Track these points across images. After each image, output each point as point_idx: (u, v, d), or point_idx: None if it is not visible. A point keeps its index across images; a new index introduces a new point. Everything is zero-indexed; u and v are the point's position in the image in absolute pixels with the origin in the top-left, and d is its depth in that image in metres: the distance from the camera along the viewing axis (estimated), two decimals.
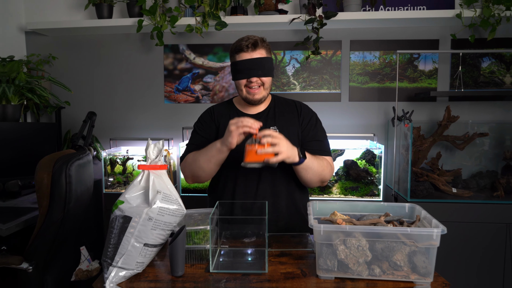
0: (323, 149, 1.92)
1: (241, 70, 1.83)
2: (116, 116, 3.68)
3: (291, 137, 1.87)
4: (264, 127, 1.89)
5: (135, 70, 3.63)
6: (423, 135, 3.08)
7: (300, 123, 1.94)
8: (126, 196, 1.36)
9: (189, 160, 1.86)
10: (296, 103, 2.02)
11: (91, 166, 2.31)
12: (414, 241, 1.30)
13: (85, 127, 3.01)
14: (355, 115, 3.45)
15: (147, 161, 1.41)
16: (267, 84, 1.87)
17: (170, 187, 1.40)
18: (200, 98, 3.58)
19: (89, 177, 2.27)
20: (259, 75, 1.82)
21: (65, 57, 3.68)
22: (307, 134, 1.93)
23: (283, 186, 1.89)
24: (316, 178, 1.82)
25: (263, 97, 1.89)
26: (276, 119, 1.94)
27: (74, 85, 3.66)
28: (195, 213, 1.67)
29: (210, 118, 1.98)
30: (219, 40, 3.53)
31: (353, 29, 3.41)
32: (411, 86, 3.38)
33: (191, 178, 1.89)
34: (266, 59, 1.83)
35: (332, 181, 3.15)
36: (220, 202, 1.62)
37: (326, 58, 3.45)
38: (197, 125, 2.00)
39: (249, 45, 1.81)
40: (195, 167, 1.82)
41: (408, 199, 2.90)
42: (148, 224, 1.33)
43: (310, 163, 1.74)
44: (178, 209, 1.39)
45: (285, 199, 1.90)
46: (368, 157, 3.16)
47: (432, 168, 3.11)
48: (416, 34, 3.35)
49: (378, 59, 3.40)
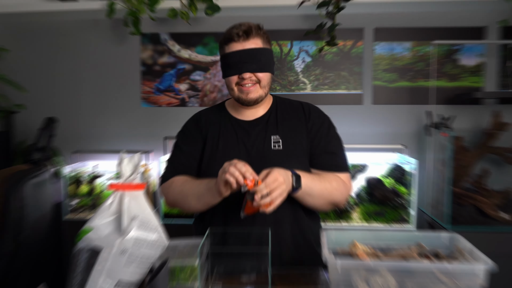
0: (338, 164, 1.91)
1: (231, 64, 1.82)
2: (82, 123, 3.69)
3: (296, 148, 1.87)
4: (264, 136, 1.89)
5: (105, 65, 3.66)
6: (466, 146, 3.08)
7: (308, 130, 1.93)
8: (93, 223, 1.36)
9: (175, 189, 1.86)
10: (303, 105, 2.01)
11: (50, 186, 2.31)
12: (455, 280, 1.30)
13: (42, 137, 3.02)
14: (381, 121, 3.47)
15: (120, 180, 1.42)
16: (265, 81, 1.85)
17: (148, 212, 1.40)
18: (186, 100, 3.59)
19: (48, 200, 2.27)
20: (253, 69, 1.81)
21: (18, 50, 3.70)
22: (317, 145, 1.92)
23: (287, 211, 1.87)
24: (322, 202, 1.82)
25: (259, 97, 1.87)
26: (278, 126, 1.93)
27: (30, 84, 3.68)
28: (180, 245, 1.67)
29: (196, 128, 1.98)
30: (210, 28, 3.55)
31: (378, 14, 3.44)
32: (451, 86, 3.39)
33: (172, 205, 1.91)
34: (262, 51, 1.83)
35: (352, 205, 3.15)
36: (211, 230, 1.62)
37: (344, 51, 3.47)
38: (179, 137, 2.00)
39: (240, 33, 1.80)
40: (181, 200, 1.84)
41: (447, 227, 2.89)
42: (121, 259, 1.33)
43: (308, 190, 1.74)
44: (159, 239, 1.39)
45: (290, 226, 1.88)
46: (397, 174, 3.16)
47: (477, 188, 3.10)
48: (457, 21, 3.38)
49: (409, 52, 3.42)
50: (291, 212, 1.88)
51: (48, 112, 3.64)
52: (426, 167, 3.30)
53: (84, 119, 3.69)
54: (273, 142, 1.88)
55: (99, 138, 3.68)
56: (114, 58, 3.65)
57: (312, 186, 1.75)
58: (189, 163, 1.91)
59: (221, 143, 1.91)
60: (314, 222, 1.99)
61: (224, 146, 1.90)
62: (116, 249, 1.33)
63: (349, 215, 3.12)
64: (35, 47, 3.69)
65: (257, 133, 1.91)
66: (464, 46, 3.38)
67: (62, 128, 3.58)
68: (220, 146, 1.90)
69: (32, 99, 3.68)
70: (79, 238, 1.37)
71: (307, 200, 1.78)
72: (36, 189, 2.09)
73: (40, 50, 3.69)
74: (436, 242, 1.56)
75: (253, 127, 1.92)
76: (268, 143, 1.88)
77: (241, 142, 1.90)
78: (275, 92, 3.48)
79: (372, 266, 1.32)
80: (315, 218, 2.01)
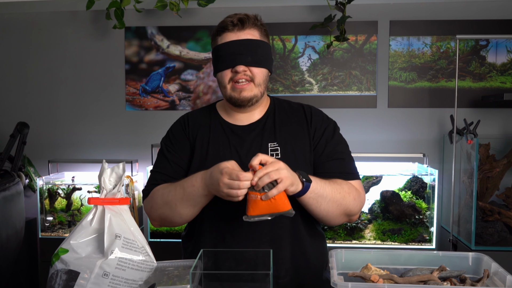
0: (347, 170, 1.90)
1: (224, 56, 1.83)
2: (58, 129, 3.70)
3: (297, 157, 1.86)
4: (260, 142, 1.88)
5: (84, 63, 3.67)
6: (493, 155, 3.09)
7: (311, 136, 1.93)
8: (71, 242, 1.36)
9: (158, 200, 1.85)
10: (304, 108, 2.00)
11: (22, 200, 2.32)
12: None
13: (13, 144, 3.03)
14: (397, 127, 3.48)
15: (101, 193, 1.42)
16: (260, 78, 1.84)
17: (134, 230, 1.40)
18: (176, 103, 3.61)
19: (19, 216, 2.27)
20: (248, 62, 1.81)
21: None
22: (322, 152, 1.91)
23: (287, 229, 1.87)
24: (335, 209, 1.80)
25: (254, 97, 1.85)
26: (276, 132, 1.92)
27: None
28: (170, 267, 1.68)
29: (182, 132, 1.97)
30: (203, 20, 3.57)
31: (394, 4, 3.46)
32: (477, 86, 3.41)
33: (159, 221, 1.90)
34: (258, 43, 1.84)
35: (365, 222, 3.15)
36: (204, 251, 1.62)
37: (355, 47, 3.49)
38: (164, 143, 1.99)
39: (235, 21, 1.82)
40: (168, 211, 1.82)
41: (473, 246, 2.90)
42: (103, 282, 1.33)
43: (320, 189, 1.72)
44: (146, 260, 1.39)
45: (289, 246, 1.87)
46: (416, 187, 3.17)
47: (507, 202, 3.11)
48: (484, 13, 3.39)
49: (429, 48, 3.44)
50: (291, 230, 1.87)
51: (19, 116, 3.65)
52: (449, 179, 3.30)
53: (61, 124, 3.70)
54: (271, 150, 1.86)
55: (78, 146, 3.68)
56: (94, 55, 3.66)
57: (323, 186, 1.73)
58: (174, 174, 1.89)
59: (210, 151, 1.89)
60: (318, 241, 1.98)
61: (214, 154, 1.88)
62: (97, 271, 1.34)
63: (361, 233, 3.12)
64: (4, 42, 3.71)
65: (252, 139, 1.89)
66: (492, 41, 3.39)
67: (35, 134, 3.60)
68: (210, 155, 1.88)
69: (0, 102, 3.69)
70: (56, 258, 1.37)
71: (317, 206, 1.76)
72: (6, 203, 2.09)
73: (9, 46, 3.71)
74: (460, 263, 1.57)
75: (247, 133, 1.91)
76: (264, 151, 1.86)
77: (233, 150, 1.88)
78: (277, 94, 3.49)
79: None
80: (318, 237, 1.99)
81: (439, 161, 3.45)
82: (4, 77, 3.71)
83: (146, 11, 3.54)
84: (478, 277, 1.53)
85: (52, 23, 3.67)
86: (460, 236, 3.13)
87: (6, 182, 2.21)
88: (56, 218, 3.37)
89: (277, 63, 3.49)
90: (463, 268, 1.55)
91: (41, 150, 3.67)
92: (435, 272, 1.49)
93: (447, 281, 1.46)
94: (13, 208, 2.24)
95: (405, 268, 1.58)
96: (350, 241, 3.12)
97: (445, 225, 3.37)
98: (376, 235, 3.12)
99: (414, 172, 3.24)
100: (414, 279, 1.45)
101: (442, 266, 1.54)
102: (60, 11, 3.63)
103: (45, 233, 3.29)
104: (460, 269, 1.53)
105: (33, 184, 3.50)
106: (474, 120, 3.21)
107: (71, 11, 3.63)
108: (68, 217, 3.39)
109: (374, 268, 1.54)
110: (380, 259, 1.60)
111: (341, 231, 3.13)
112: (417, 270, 1.55)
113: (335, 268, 1.44)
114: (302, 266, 1.89)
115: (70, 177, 3.51)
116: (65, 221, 3.38)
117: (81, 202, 3.45)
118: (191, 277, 1.43)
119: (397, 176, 3.24)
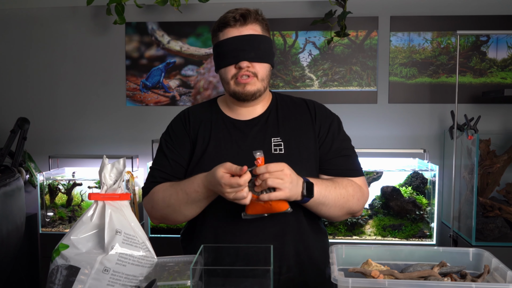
0: (352, 167, 1.91)
1: (226, 52, 1.82)
2: (59, 124, 3.70)
3: (302, 152, 1.85)
4: (263, 138, 1.86)
5: (85, 59, 3.67)
6: (494, 151, 3.09)
7: (316, 131, 1.92)
8: (72, 238, 1.36)
9: (159, 202, 1.84)
10: (307, 103, 1.98)
11: (22, 196, 2.31)
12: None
13: (13, 140, 3.02)
14: (398, 122, 3.48)
15: (101, 189, 1.42)
16: (263, 73, 1.84)
17: (134, 225, 1.40)
18: (177, 98, 3.60)
19: (20, 211, 2.27)
20: (251, 58, 1.80)
21: None
22: (329, 149, 1.90)
23: (289, 224, 1.85)
24: (337, 212, 1.81)
25: (258, 91, 1.84)
26: (279, 128, 1.90)
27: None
28: (171, 262, 1.67)
29: (182, 128, 1.95)
30: (204, 16, 3.56)
31: (394, 0, 3.45)
32: (478, 82, 3.40)
33: (160, 220, 1.90)
34: (261, 38, 1.83)
35: (365, 217, 3.15)
36: (205, 246, 1.62)
37: (356, 42, 3.48)
38: (164, 139, 1.98)
39: (237, 17, 1.81)
40: (171, 212, 1.81)
41: (473, 242, 2.90)
42: (104, 278, 1.33)
43: (322, 198, 1.73)
44: (146, 256, 1.39)
45: (292, 242, 1.86)
46: (416, 183, 3.17)
47: (507, 198, 3.11)
48: (485, 8, 3.39)
49: (430, 44, 3.43)
50: (295, 226, 1.86)
51: (19, 112, 3.64)
52: (449, 175, 3.30)
53: (61, 120, 3.70)
54: (274, 145, 1.85)
55: (78, 142, 3.68)
56: (95, 50, 3.65)
57: (327, 194, 1.74)
58: (174, 172, 1.89)
59: (211, 146, 1.87)
60: (320, 236, 1.97)
61: (215, 150, 1.87)
62: (98, 266, 1.33)
63: (361, 228, 3.12)
64: (4, 37, 3.70)
65: (255, 134, 1.88)
66: (492, 37, 3.39)
67: (35, 130, 3.60)
68: (211, 150, 1.87)
69: (1, 97, 3.69)
70: (56, 254, 1.37)
71: (320, 209, 1.77)
72: (6, 199, 2.08)
73: (10, 41, 3.70)
74: (461, 259, 1.57)
75: (250, 128, 1.89)
76: (268, 146, 1.85)
77: (235, 145, 1.86)
78: (277, 90, 3.49)
79: (387, 286, 1.32)
80: (320, 232, 1.99)
81: (440, 157, 3.45)
82: (4, 72, 3.71)
83: (146, 6, 3.53)
84: (478, 272, 1.52)
85: (53, 19, 3.66)
86: (460, 231, 3.13)
87: (7, 177, 2.21)
88: (56, 213, 3.37)
89: (278, 59, 3.48)
90: (463, 264, 1.55)
91: (41, 146, 3.67)
92: (436, 267, 1.49)
93: (448, 276, 1.46)
94: (14, 203, 2.24)
95: (406, 263, 1.58)
96: (350, 236, 3.12)
97: (445, 220, 3.37)
98: (377, 230, 3.12)
99: (414, 168, 3.24)
100: (415, 275, 1.45)
101: (442, 261, 1.53)
102: (61, 6, 3.63)
103: (46, 229, 3.30)
104: (460, 265, 1.53)
105: (33, 179, 3.49)
106: (475, 116, 3.22)
107: (71, 6, 3.62)
108: (69, 213, 3.39)
109: (375, 263, 1.54)
110: (380, 254, 1.60)
111: (341, 226, 3.13)
112: (418, 266, 1.55)
113: (336, 263, 1.44)
114: (305, 263, 1.88)
115: (71, 172, 3.51)
116: (65, 216, 3.38)
117: (82, 197, 3.45)
118: (192, 273, 1.42)
119: (397, 172, 3.23)
